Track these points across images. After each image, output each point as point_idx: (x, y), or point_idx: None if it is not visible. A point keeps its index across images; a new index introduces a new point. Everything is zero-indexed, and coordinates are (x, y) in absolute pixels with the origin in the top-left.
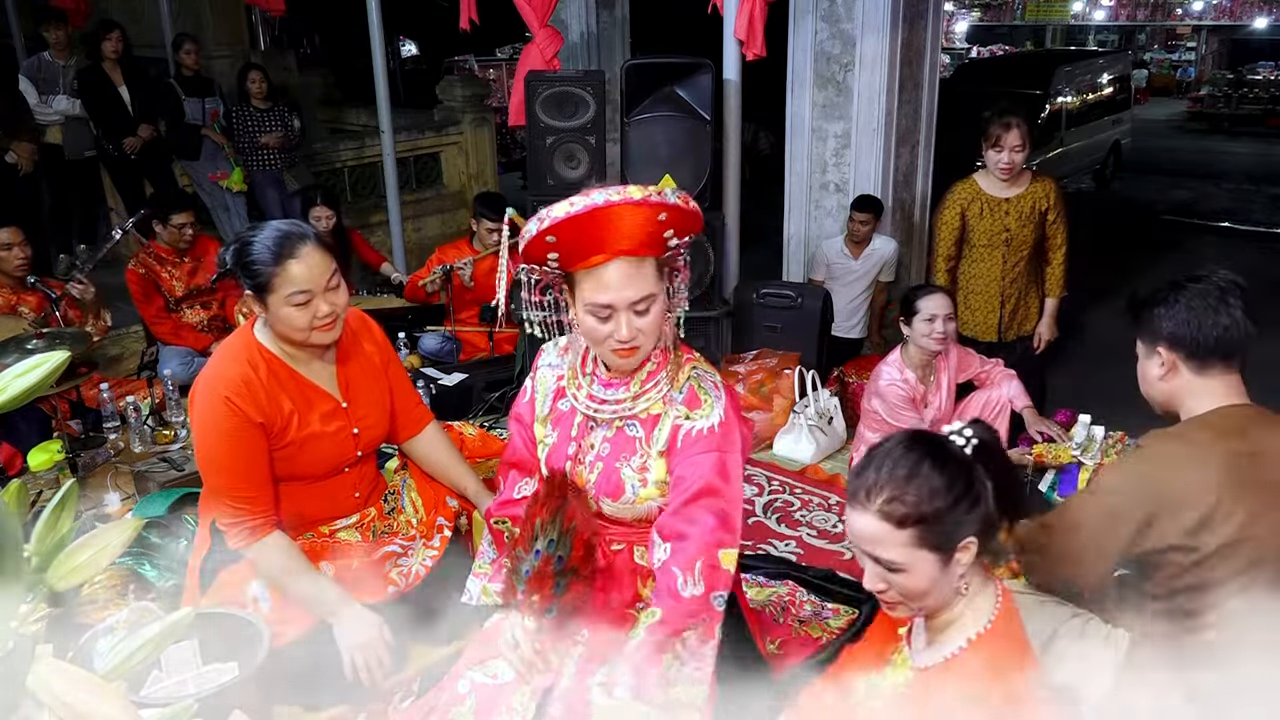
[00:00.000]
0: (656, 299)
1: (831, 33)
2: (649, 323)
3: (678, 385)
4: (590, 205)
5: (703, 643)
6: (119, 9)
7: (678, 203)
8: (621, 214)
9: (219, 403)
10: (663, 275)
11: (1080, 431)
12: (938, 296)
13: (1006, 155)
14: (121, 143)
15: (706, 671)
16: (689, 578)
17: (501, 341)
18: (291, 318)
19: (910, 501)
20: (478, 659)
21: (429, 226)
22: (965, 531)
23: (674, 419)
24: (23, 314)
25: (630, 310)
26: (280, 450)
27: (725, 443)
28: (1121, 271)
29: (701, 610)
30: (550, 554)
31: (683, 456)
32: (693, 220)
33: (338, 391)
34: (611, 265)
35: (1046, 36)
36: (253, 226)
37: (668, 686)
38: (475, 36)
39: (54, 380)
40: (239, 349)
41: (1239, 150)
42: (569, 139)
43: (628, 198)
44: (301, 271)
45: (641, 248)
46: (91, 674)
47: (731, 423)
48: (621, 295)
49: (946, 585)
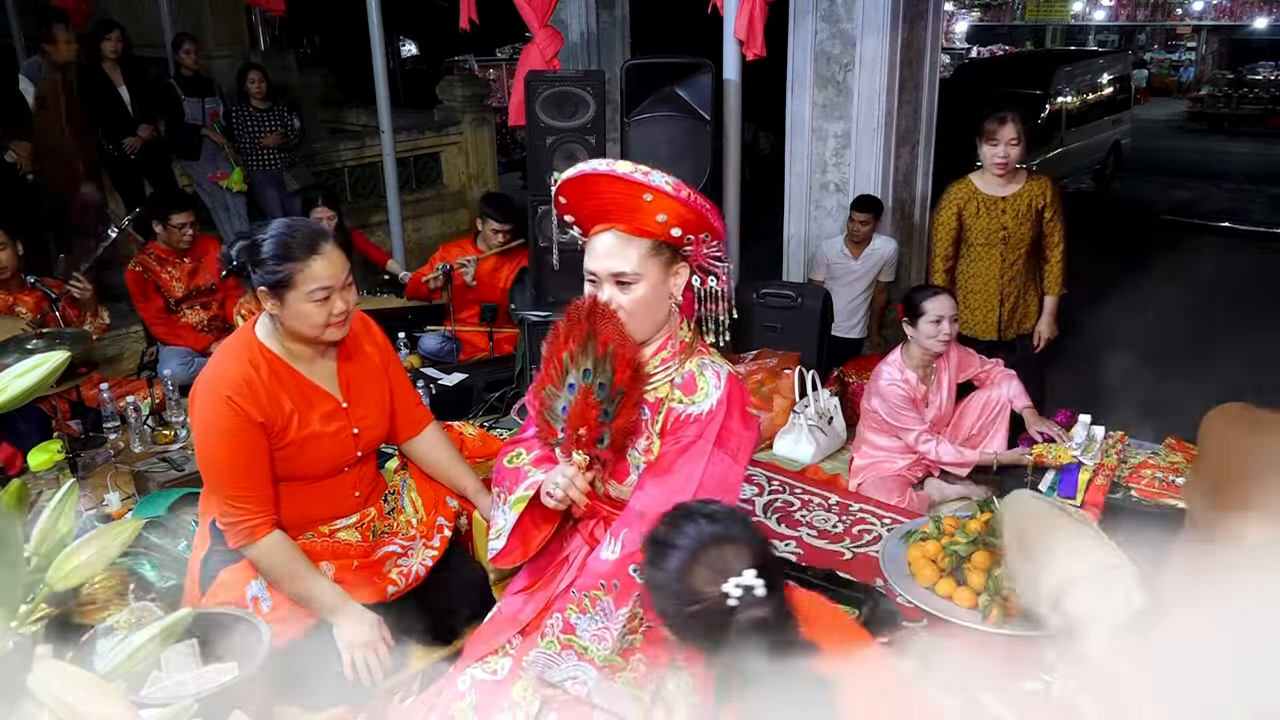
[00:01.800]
0: (642, 280)
1: (831, 33)
2: (629, 300)
3: (681, 372)
4: (581, 171)
5: (615, 606)
6: (119, 9)
7: (664, 186)
8: (610, 184)
9: (220, 402)
10: (664, 264)
11: (1080, 431)
12: (943, 298)
13: (1002, 149)
14: (122, 143)
15: (609, 635)
16: (611, 543)
17: (501, 341)
18: (310, 314)
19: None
20: (478, 655)
21: (429, 226)
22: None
23: (670, 403)
24: (20, 314)
25: (613, 281)
26: (280, 450)
27: (706, 430)
28: (1121, 271)
29: (614, 575)
30: (588, 384)
31: (670, 436)
32: (695, 214)
33: (338, 391)
34: (605, 235)
35: (1046, 36)
36: (260, 225)
37: (572, 633)
38: (475, 36)
39: (54, 380)
40: (240, 348)
41: (1239, 150)
42: (569, 139)
43: (613, 170)
44: (324, 268)
45: (633, 227)
46: (91, 674)
47: (720, 415)
48: (603, 264)
49: None
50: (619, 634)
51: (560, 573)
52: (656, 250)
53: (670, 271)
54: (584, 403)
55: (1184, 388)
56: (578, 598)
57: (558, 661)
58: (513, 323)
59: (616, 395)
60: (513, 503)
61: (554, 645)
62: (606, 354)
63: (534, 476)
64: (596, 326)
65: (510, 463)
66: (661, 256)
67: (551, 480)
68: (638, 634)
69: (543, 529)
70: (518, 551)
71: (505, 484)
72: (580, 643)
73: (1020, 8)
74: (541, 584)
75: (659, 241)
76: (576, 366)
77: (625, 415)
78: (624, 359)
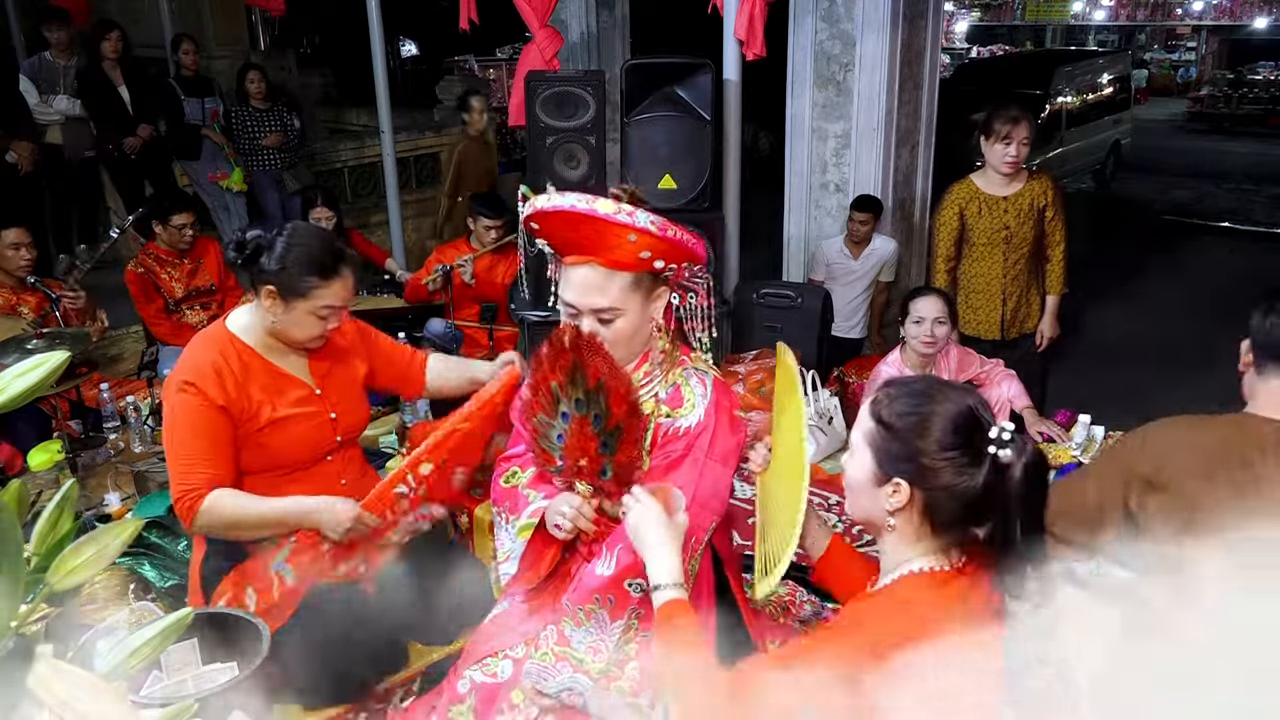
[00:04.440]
0: (624, 314)
1: (831, 33)
2: (612, 333)
3: (665, 385)
4: (559, 207)
5: (610, 620)
6: (119, 9)
7: (649, 227)
8: (590, 222)
9: (177, 390)
10: (645, 293)
11: (1080, 431)
12: (929, 299)
13: (1014, 148)
14: (122, 143)
15: (605, 647)
16: (607, 558)
17: (502, 340)
18: (309, 326)
19: (896, 409)
20: (478, 657)
21: (429, 226)
22: (907, 472)
23: (657, 418)
24: (23, 314)
25: (594, 316)
26: (254, 435)
27: (696, 443)
28: (1121, 271)
29: (609, 590)
30: (583, 415)
31: (659, 451)
32: (680, 250)
33: (311, 380)
34: (582, 268)
35: (1046, 36)
36: (294, 229)
37: (567, 645)
38: (475, 36)
39: (54, 380)
40: (210, 342)
41: (1239, 150)
42: (569, 139)
43: (594, 209)
44: (341, 290)
45: (613, 262)
46: (91, 674)
47: (710, 426)
48: (584, 300)
49: (872, 504)
50: (614, 646)
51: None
52: (637, 282)
53: (651, 297)
54: (581, 433)
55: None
56: (572, 610)
57: (553, 673)
58: (513, 322)
59: (615, 430)
60: (519, 530)
61: (549, 657)
62: (599, 387)
63: (536, 503)
64: (583, 358)
65: (506, 482)
66: (642, 287)
67: (557, 511)
68: (633, 643)
69: (552, 547)
70: (529, 574)
71: (505, 504)
72: (576, 655)
73: (1020, 8)
74: (543, 601)
75: (640, 273)
76: (567, 396)
77: (626, 451)
78: (618, 394)
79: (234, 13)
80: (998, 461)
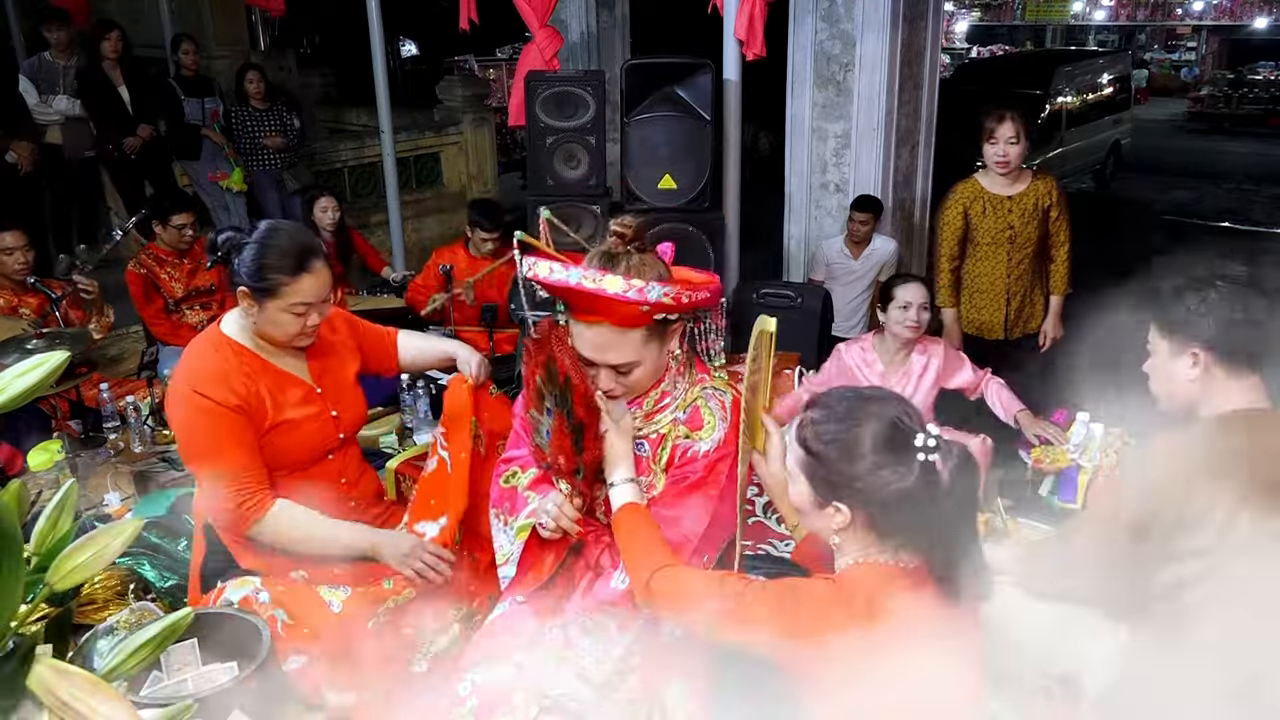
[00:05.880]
0: (640, 364)
1: (831, 33)
2: (631, 380)
3: (683, 406)
4: (564, 282)
5: (618, 632)
6: (119, 9)
7: (662, 300)
8: (600, 299)
9: (188, 397)
10: (660, 338)
11: (1079, 430)
12: (913, 286)
13: (1001, 148)
14: (122, 143)
15: (610, 658)
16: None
17: (502, 341)
18: (285, 323)
19: (823, 435)
20: (478, 660)
21: (429, 227)
22: (845, 496)
23: (674, 439)
24: (23, 314)
25: (610, 370)
26: (263, 438)
27: (716, 467)
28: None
29: (621, 604)
30: (561, 410)
31: (675, 471)
32: (695, 305)
33: (310, 378)
34: (595, 327)
35: (1046, 36)
36: (263, 227)
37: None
38: (475, 36)
39: (54, 380)
40: (206, 346)
41: (1239, 150)
42: (569, 139)
43: (601, 289)
44: (311, 285)
45: (624, 320)
46: (91, 674)
47: (730, 451)
48: (599, 357)
49: (821, 524)
50: (619, 658)
51: (566, 593)
52: (651, 333)
53: (666, 336)
54: (560, 430)
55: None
56: (581, 620)
57: (555, 678)
58: (513, 323)
59: (579, 427)
60: (516, 530)
61: (552, 660)
62: (566, 383)
63: (533, 503)
64: (555, 352)
65: (506, 483)
66: (656, 334)
67: (542, 510)
68: (636, 656)
69: (549, 550)
70: (529, 576)
71: (505, 505)
72: (580, 662)
73: (1020, 8)
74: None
75: (653, 325)
76: (548, 391)
77: (590, 450)
78: (579, 391)
79: (234, 13)
80: (928, 465)
